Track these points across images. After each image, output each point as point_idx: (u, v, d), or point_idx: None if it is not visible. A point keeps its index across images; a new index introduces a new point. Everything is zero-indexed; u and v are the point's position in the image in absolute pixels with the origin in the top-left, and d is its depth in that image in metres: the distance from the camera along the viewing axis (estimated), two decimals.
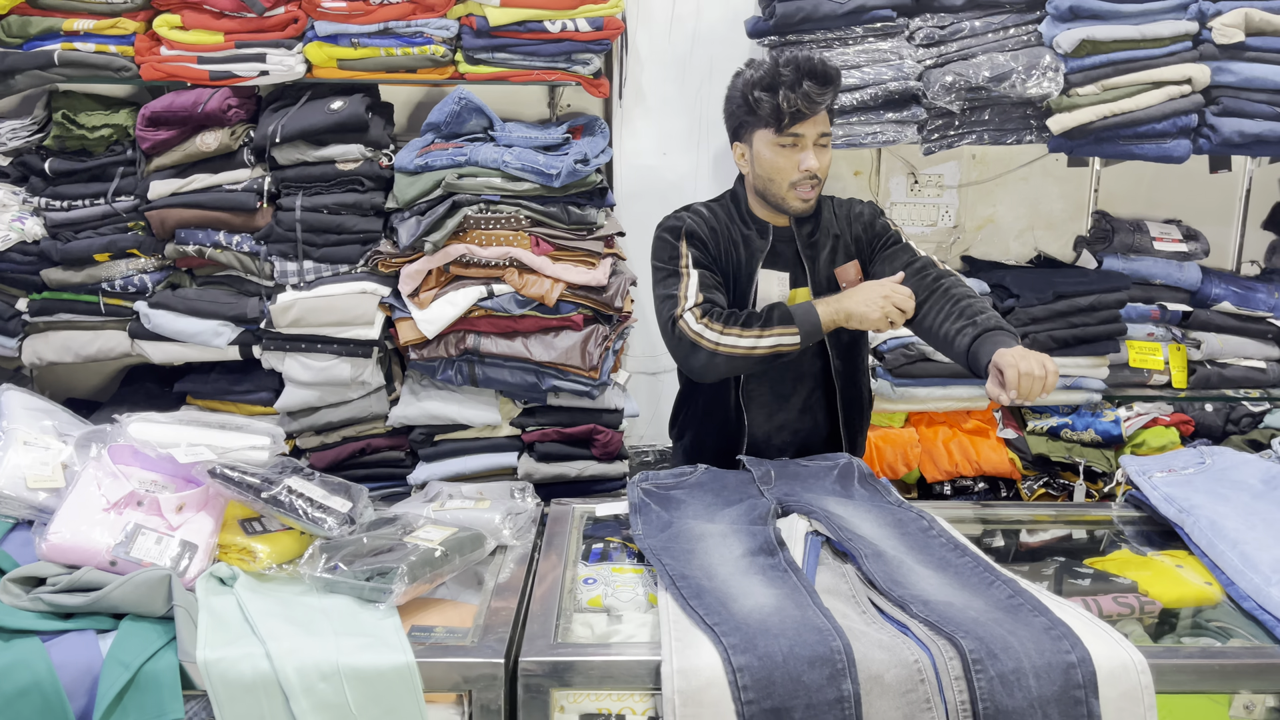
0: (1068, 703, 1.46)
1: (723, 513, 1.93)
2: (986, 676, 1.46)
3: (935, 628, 1.53)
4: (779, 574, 1.68)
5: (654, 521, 1.92)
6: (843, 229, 2.23)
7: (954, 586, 1.67)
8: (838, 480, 2.07)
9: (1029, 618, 1.56)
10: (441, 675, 1.52)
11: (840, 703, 1.45)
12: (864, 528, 1.85)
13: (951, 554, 1.78)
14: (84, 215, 2.68)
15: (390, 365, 2.84)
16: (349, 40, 2.65)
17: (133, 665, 1.46)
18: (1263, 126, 2.65)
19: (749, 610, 1.58)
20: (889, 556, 1.75)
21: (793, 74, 2.05)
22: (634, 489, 2.03)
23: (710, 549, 1.79)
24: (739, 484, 2.05)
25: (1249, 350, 2.97)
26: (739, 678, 1.46)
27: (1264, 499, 1.98)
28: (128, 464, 1.75)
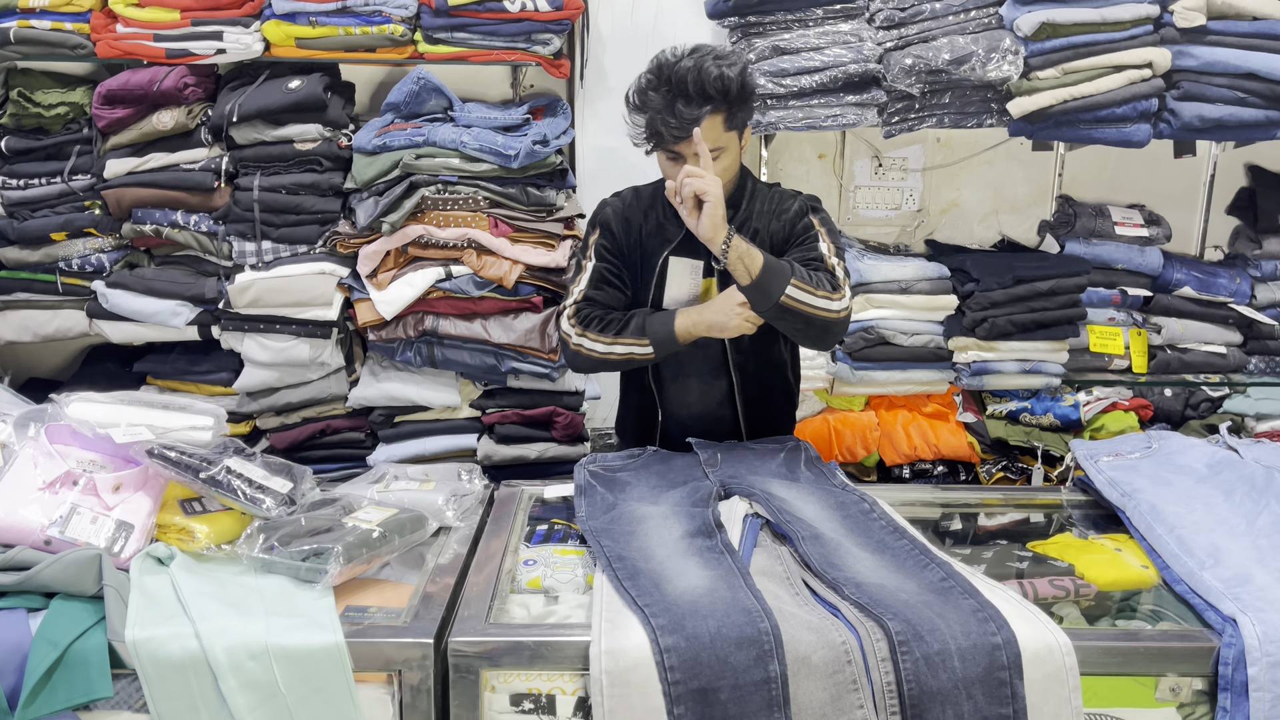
0: (992, 684, 1.47)
1: (666, 495, 1.93)
2: (912, 658, 1.47)
3: (865, 609, 1.54)
4: (715, 555, 1.69)
5: (598, 503, 1.92)
6: (764, 224, 2.15)
7: (888, 569, 1.68)
8: (784, 463, 2.07)
9: (958, 600, 1.57)
10: (372, 655, 1.53)
11: (767, 683, 1.46)
12: (805, 510, 1.86)
13: (890, 537, 1.79)
14: (40, 194, 2.66)
15: (350, 346, 2.84)
16: (307, 19, 2.63)
17: (61, 644, 1.46)
18: (1223, 111, 2.65)
19: (681, 591, 1.59)
20: (826, 539, 1.76)
21: (663, 99, 1.97)
22: (580, 471, 2.04)
23: (650, 531, 1.80)
24: (685, 466, 2.05)
25: (1209, 335, 2.97)
26: (666, 658, 1.46)
27: (1207, 484, 1.99)
28: (66, 444, 1.74)
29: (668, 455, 2.12)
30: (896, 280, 2.81)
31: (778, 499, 1.87)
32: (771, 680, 1.46)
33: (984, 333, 2.78)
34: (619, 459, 2.10)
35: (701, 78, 1.95)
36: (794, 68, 2.59)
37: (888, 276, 2.81)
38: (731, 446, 2.13)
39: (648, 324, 2.11)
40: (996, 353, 2.83)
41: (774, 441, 2.17)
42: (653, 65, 2.03)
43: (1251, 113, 2.66)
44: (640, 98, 2.02)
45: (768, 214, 2.16)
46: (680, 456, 2.12)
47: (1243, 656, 1.52)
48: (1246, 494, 1.92)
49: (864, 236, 3.11)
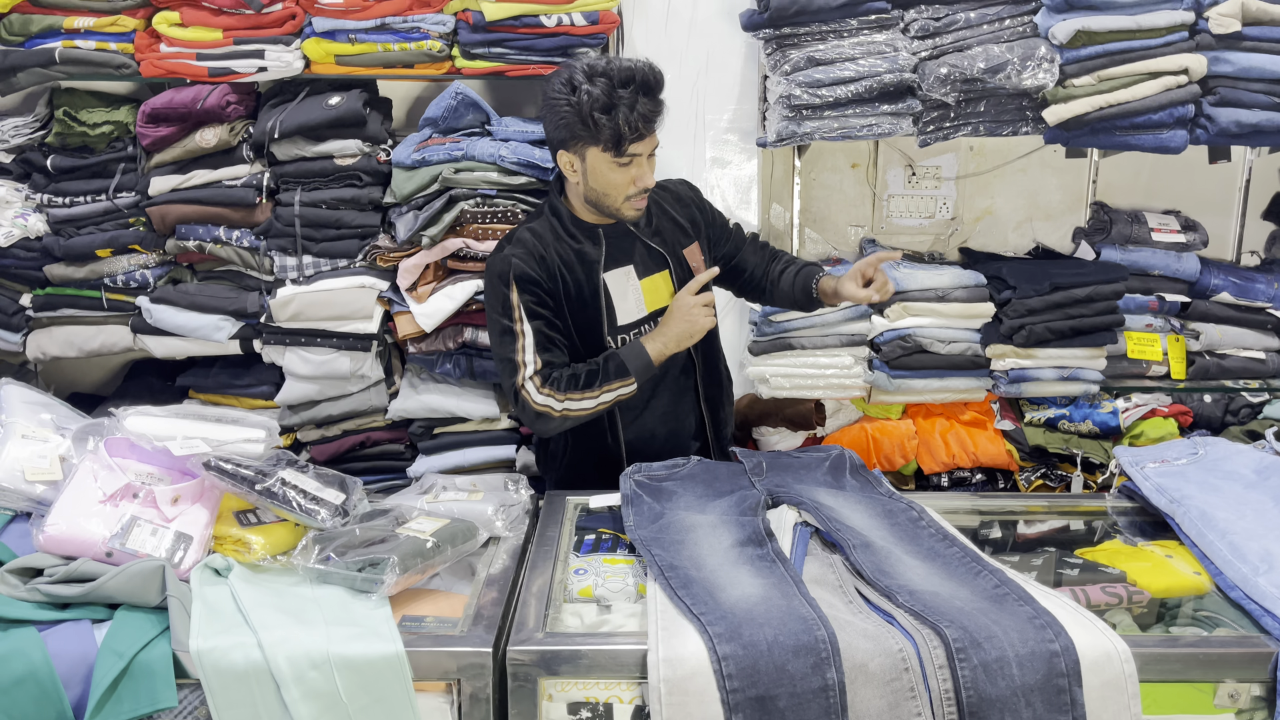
0: (1051, 691, 1.47)
1: (713, 504, 1.94)
2: (970, 665, 1.47)
3: (920, 617, 1.54)
4: (767, 564, 1.70)
5: (645, 513, 1.93)
6: (673, 211, 2.31)
7: (941, 576, 1.69)
8: (829, 471, 2.08)
9: (1014, 607, 1.57)
10: (431, 664, 1.54)
11: (825, 691, 1.46)
12: (853, 518, 1.86)
13: (940, 544, 1.79)
14: (86, 211, 2.71)
15: (390, 359, 2.86)
16: (346, 36, 2.66)
17: (127, 654, 1.48)
18: (1260, 116, 2.64)
19: (735, 600, 1.59)
20: (877, 547, 1.76)
21: (630, 94, 2.04)
22: (626, 481, 2.04)
23: (700, 539, 1.81)
24: (730, 475, 2.06)
25: (1248, 341, 2.96)
26: (724, 666, 1.47)
27: (1256, 489, 1.98)
28: (124, 457, 1.77)
29: (712, 465, 2.13)
30: (933, 288, 2.81)
31: (826, 507, 1.88)
32: (830, 688, 1.46)
33: (1021, 340, 2.78)
34: (663, 468, 2.11)
35: (652, 70, 2.07)
36: (829, 78, 2.60)
37: (924, 285, 2.81)
38: (776, 455, 2.14)
39: (626, 362, 2.17)
40: (1034, 360, 2.82)
41: (818, 450, 2.18)
42: (587, 72, 2.07)
43: None
44: (607, 98, 2.03)
45: (668, 202, 2.33)
46: (724, 466, 2.13)
47: None
48: None
49: (898, 245, 3.11)
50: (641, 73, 2.06)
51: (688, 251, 2.32)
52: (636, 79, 2.05)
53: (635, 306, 2.25)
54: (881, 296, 2.20)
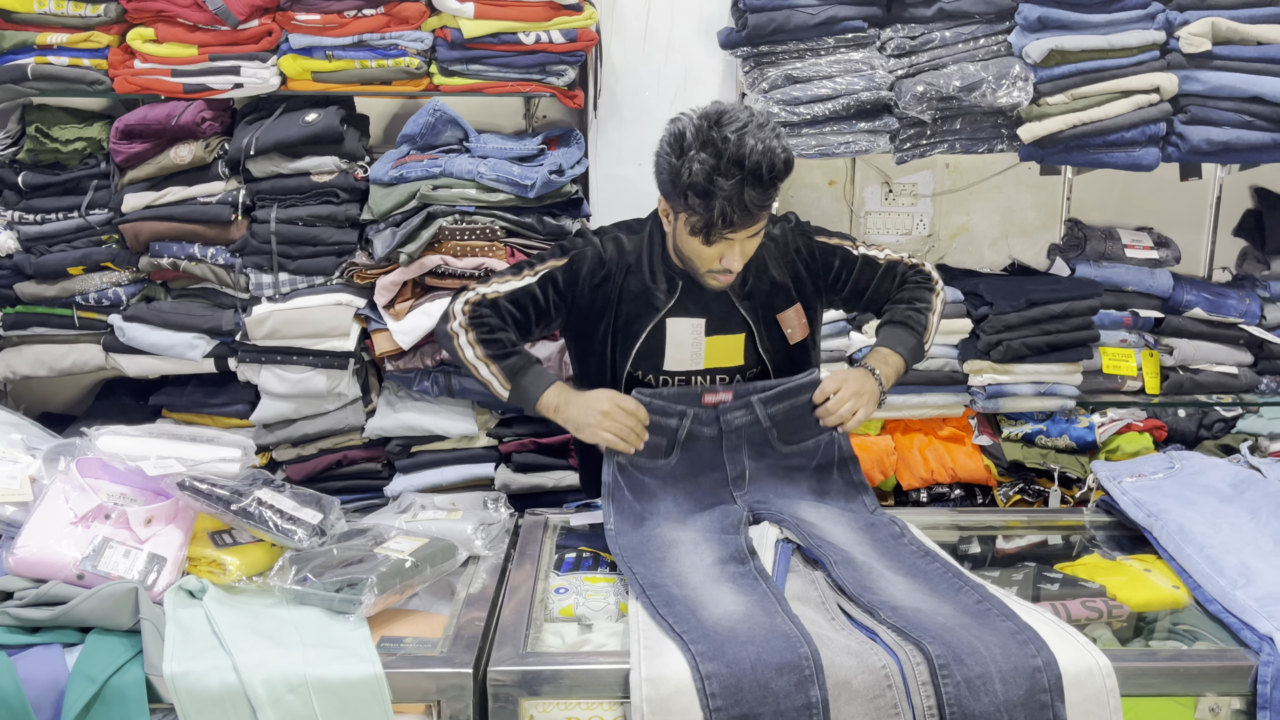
0: (1034, 707, 1.47)
1: (694, 519, 1.93)
2: (953, 681, 1.47)
3: (903, 633, 1.54)
4: (749, 582, 1.69)
5: (627, 512, 1.91)
6: (775, 270, 2.06)
7: (923, 592, 1.69)
8: (814, 474, 2.01)
9: (996, 623, 1.57)
10: (410, 686, 1.52)
11: (808, 709, 1.46)
12: (835, 534, 1.86)
13: (921, 560, 1.79)
14: (58, 229, 2.67)
15: (366, 377, 2.84)
16: (323, 53, 2.65)
17: (99, 679, 1.45)
18: (1230, 134, 2.68)
19: (718, 618, 1.58)
20: (859, 563, 1.76)
21: (734, 186, 1.77)
22: (609, 466, 1.94)
23: (681, 556, 1.80)
24: (712, 486, 1.99)
25: (1221, 356, 2.99)
26: (707, 685, 1.46)
27: (1231, 503, 2.00)
28: (96, 477, 1.74)
29: (694, 461, 1.98)
30: None
31: (807, 524, 1.87)
32: (813, 706, 1.46)
33: (998, 356, 2.80)
34: (646, 457, 1.96)
35: (772, 160, 1.78)
36: (806, 96, 2.62)
37: None
38: (762, 453, 2.00)
39: (523, 373, 2.01)
40: (1011, 375, 2.84)
41: (808, 441, 2.02)
42: (698, 140, 1.80)
43: (1258, 135, 2.69)
44: (707, 182, 1.78)
45: (776, 260, 2.07)
46: (706, 466, 1.99)
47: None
48: (1272, 513, 1.93)
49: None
50: (756, 158, 1.76)
51: (782, 316, 2.08)
52: (747, 165, 1.76)
53: (691, 358, 2.06)
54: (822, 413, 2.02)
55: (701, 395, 1.97)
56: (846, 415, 2.00)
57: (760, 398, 1.98)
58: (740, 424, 1.99)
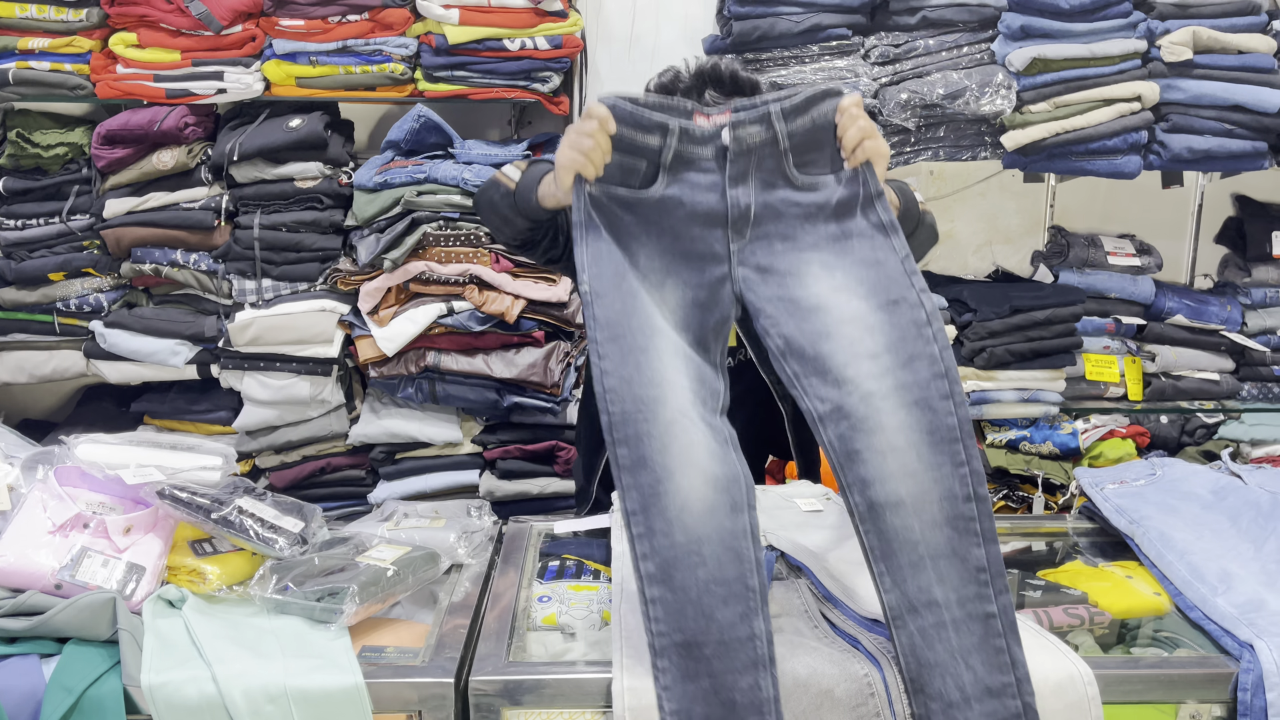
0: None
1: (676, 283, 1.60)
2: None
3: (885, 641, 1.54)
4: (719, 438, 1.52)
5: (604, 261, 1.57)
6: None
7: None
8: (835, 214, 1.62)
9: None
10: (392, 696, 1.51)
11: (752, 640, 1.42)
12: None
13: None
14: (39, 234, 2.66)
15: (350, 383, 2.83)
16: (307, 58, 2.65)
17: (76, 690, 1.44)
18: (1211, 142, 2.70)
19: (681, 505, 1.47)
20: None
21: (694, 80, 1.80)
22: (579, 196, 1.58)
23: (659, 356, 1.54)
24: (705, 229, 1.61)
25: (1202, 363, 3.01)
26: (651, 609, 1.44)
27: (1213, 510, 2.01)
28: (75, 486, 1.72)
29: (686, 192, 1.60)
30: None
31: (805, 326, 1.62)
32: (757, 637, 1.43)
33: (982, 362, 2.81)
34: (621, 184, 1.61)
35: (733, 68, 1.81)
36: None
37: None
38: (773, 184, 1.63)
39: (538, 166, 1.84)
40: (995, 382, 2.85)
41: (828, 174, 1.63)
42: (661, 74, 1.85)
43: (1239, 144, 2.71)
44: (671, 83, 1.81)
45: None
46: (700, 202, 1.60)
47: (1261, 682, 1.52)
48: (1253, 520, 1.94)
49: None
50: (714, 66, 1.81)
51: None
52: (707, 72, 1.82)
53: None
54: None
55: (693, 112, 1.60)
56: (869, 130, 1.60)
57: (781, 107, 1.58)
58: (752, 144, 1.59)
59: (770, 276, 1.60)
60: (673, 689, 1.42)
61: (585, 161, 1.55)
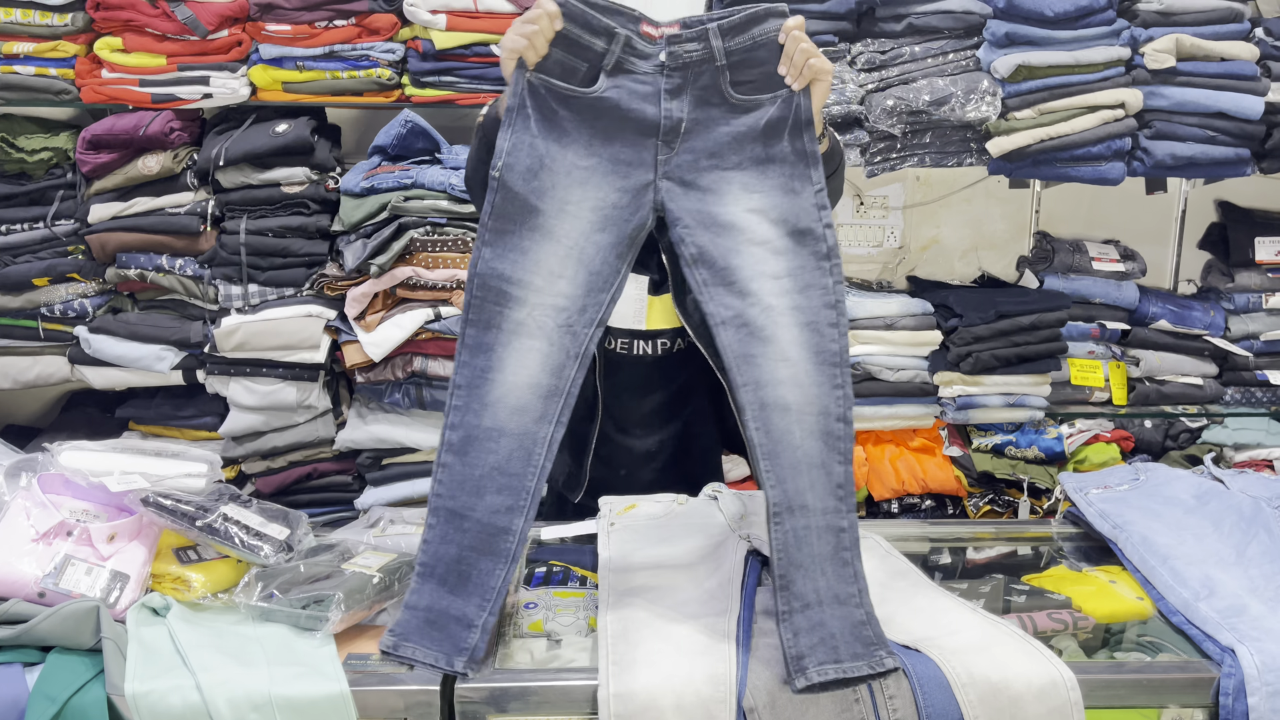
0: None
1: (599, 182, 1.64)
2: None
3: None
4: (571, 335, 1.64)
5: (523, 151, 1.61)
6: None
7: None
8: (762, 135, 1.66)
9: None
10: (377, 703, 1.51)
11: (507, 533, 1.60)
12: (746, 264, 1.71)
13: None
14: (22, 239, 2.64)
15: (337, 389, 2.83)
16: (294, 63, 2.64)
17: (59, 699, 1.43)
18: (1194, 149, 2.72)
19: (503, 393, 1.62)
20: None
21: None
22: (518, 79, 1.62)
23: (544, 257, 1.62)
24: (637, 137, 1.65)
25: (1186, 368, 3.03)
26: (437, 473, 1.63)
27: (1195, 514, 2.02)
28: (58, 493, 1.72)
29: (623, 98, 1.64)
30: (881, 316, 2.85)
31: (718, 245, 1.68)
32: (511, 532, 1.60)
33: (968, 367, 2.82)
34: (560, 78, 1.62)
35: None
36: None
37: (872, 313, 2.84)
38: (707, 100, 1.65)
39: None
40: (981, 387, 2.86)
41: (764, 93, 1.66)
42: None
43: (1222, 150, 2.73)
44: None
45: None
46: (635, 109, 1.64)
47: (1243, 686, 1.54)
48: (1235, 524, 1.95)
49: (847, 274, 3.13)
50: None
51: None
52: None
53: (634, 315, 2.05)
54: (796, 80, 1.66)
55: (640, 21, 1.64)
56: (813, 49, 1.65)
57: (719, 25, 1.62)
58: (689, 59, 1.63)
59: (692, 190, 1.67)
60: (430, 545, 1.62)
61: (528, 45, 1.59)
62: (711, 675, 1.48)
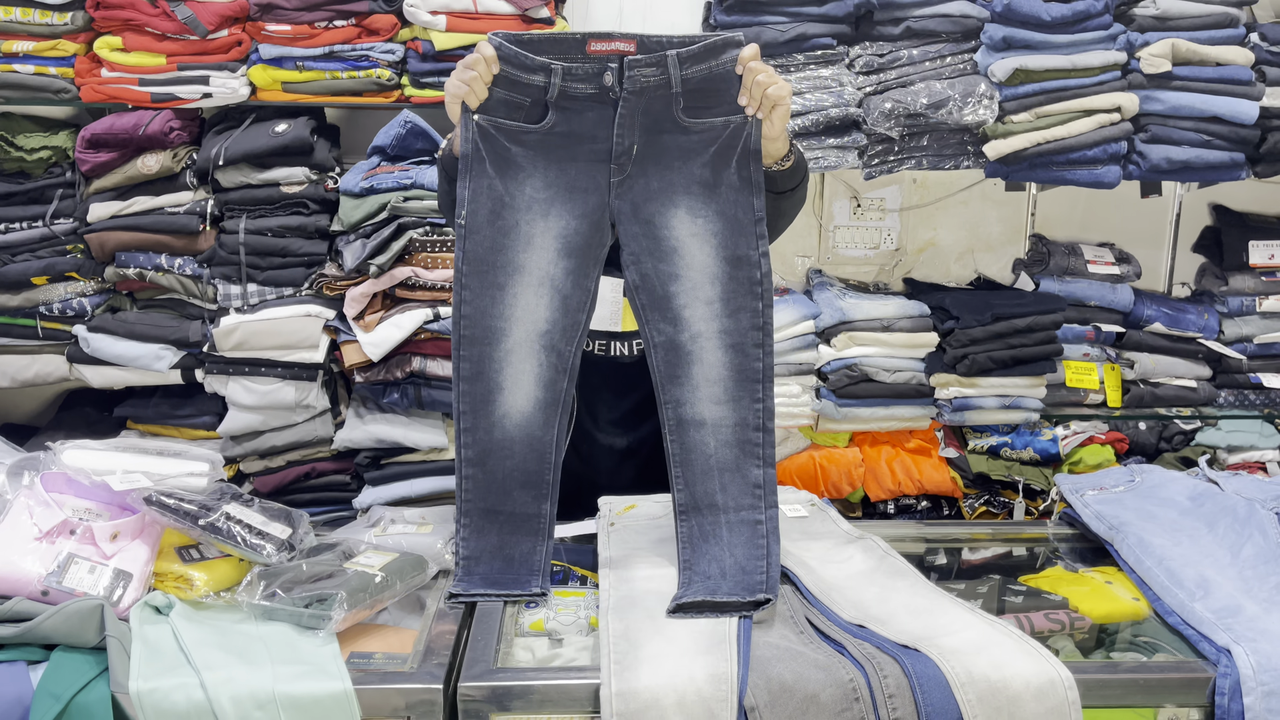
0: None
1: (559, 210, 1.73)
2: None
3: (870, 647, 1.56)
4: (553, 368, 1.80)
5: (484, 195, 1.71)
6: None
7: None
8: (711, 161, 1.73)
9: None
10: (381, 702, 1.52)
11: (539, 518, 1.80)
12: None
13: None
14: (21, 238, 2.64)
15: (335, 388, 2.83)
16: (294, 63, 2.64)
17: (64, 697, 1.44)
18: (1189, 153, 2.74)
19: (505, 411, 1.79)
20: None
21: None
22: (466, 127, 1.70)
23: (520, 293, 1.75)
24: (590, 162, 1.73)
25: (1180, 370, 3.05)
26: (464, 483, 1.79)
27: (1190, 516, 2.04)
28: (61, 492, 1.72)
29: (573, 127, 1.71)
30: (878, 318, 2.86)
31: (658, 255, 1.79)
32: (542, 516, 1.78)
33: (964, 369, 2.84)
34: (506, 117, 1.71)
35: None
36: None
37: (870, 315, 2.86)
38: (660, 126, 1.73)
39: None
40: (977, 389, 2.88)
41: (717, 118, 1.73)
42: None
43: (1217, 155, 2.75)
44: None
45: None
46: (587, 137, 1.72)
47: (1238, 687, 1.55)
48: (1229, 526, 1.97)
49: (844, 275, 3.16)
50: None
51: None
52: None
53: (610, 317, 2.12)
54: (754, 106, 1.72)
55: (586, 42, 1.67)
56: (768, 82, 1.70)
57: (678, 54, 1.67)
58: (645, 85, 1.68)
59: (640, 214, 1.76)
60: (469, 541, 1.78)
61: (469, 90, 1.68)
62: (713, 674, 1.49)
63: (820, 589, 1.74)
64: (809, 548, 1.89)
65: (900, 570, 1.83)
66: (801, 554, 1.85)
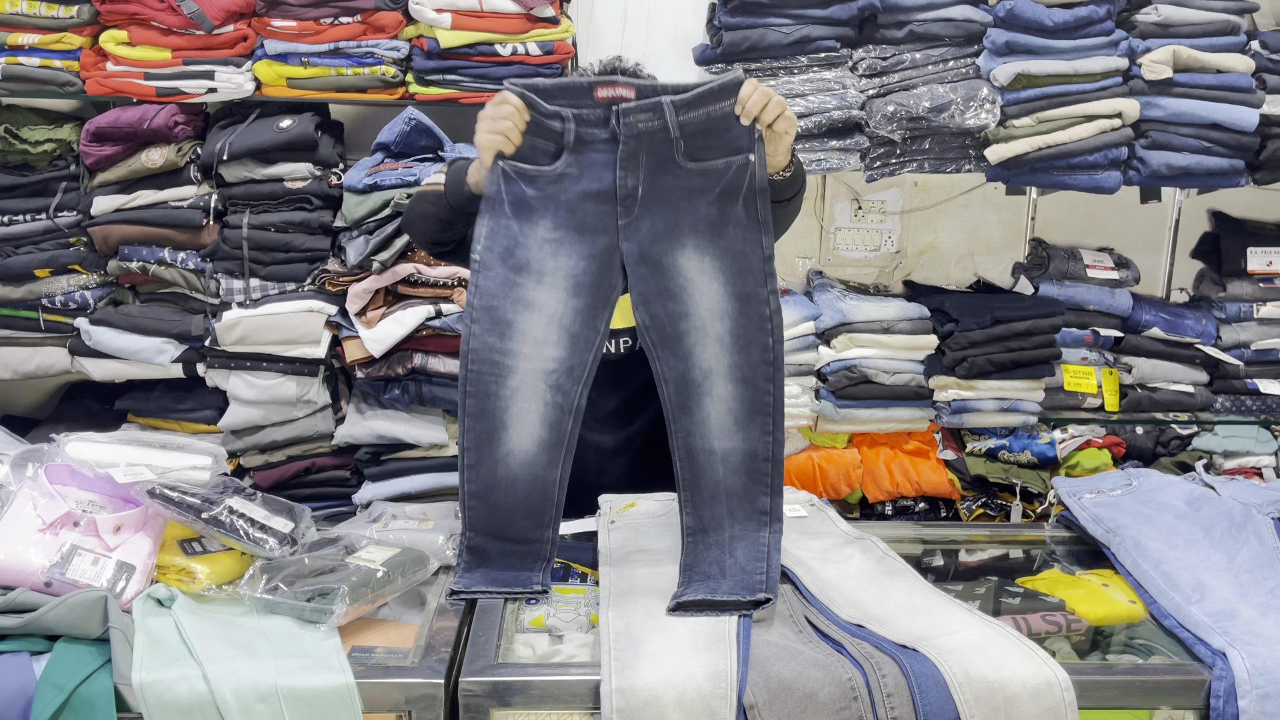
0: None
1: (568, 252, 1.75)
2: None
3: (869, 646, 1.57)
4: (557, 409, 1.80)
5: (500, 235, 1.74)
6: None
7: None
8: (717, 200, 1.74)
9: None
10: (382, 696, 1.52)
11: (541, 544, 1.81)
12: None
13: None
14: (25, 230, 2.65)
15: (336, 384, 2.84)
16: (299, 59, 2.65)
17: (67, 687, 1.44)
18: (1189, 160, 2.76)
19: (509, 449, 1.78)
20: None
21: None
22: (494, 172, 1.74)
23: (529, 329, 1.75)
24: (599, 203, 1.74)
25: (1178, 375, 3.06)
26: (469, 515, 1.79)
27: (1187, 520, 2.05)
28: (65, 484, 1.73)
29: (584, 169, 1.74)
30: (878, 320, 2.87)
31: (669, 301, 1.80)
32: (545, 541, 1.79)
33: (964, 372, 2.85)
34: (528, 161, 1.74)
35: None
36: None
37: (870, 316, 2.87)
38: (662, 168, 1.74)
39: (460, 165, 1.92)
40: (975, 391, 2.89)
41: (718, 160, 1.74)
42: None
43: (1216, 161, 2.77)
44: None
45: None
46: (595, 178, 1.74)
47: (1233, 689, 1.56)
48: (1225, 530, 1.98)
49: (844, 277, 3.17)
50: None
51: None
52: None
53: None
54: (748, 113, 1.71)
55: (593, 89, 1.71)
56: (773, 109, 1.71)
57: (673, 100, 1.68)
58: (643, 130, 1.70)
59: (648, 255, 1.77)
60: (471, 573, 1.78)
61: (504, 140, 1.71)
62: (713, 672, 1.50)
63: (819, 588, 1.75)
64: (808, 547, 1.90)
65: (899, 571, 1.84)
66: (801, 554, 1.86)
